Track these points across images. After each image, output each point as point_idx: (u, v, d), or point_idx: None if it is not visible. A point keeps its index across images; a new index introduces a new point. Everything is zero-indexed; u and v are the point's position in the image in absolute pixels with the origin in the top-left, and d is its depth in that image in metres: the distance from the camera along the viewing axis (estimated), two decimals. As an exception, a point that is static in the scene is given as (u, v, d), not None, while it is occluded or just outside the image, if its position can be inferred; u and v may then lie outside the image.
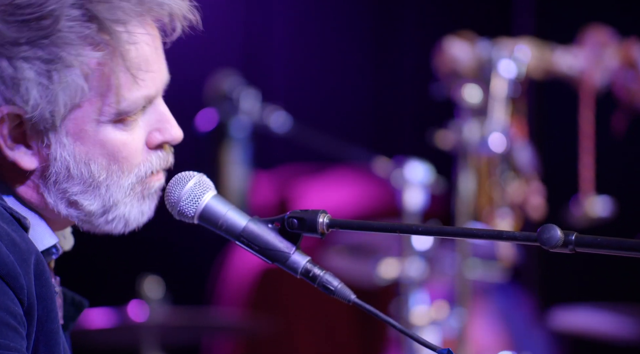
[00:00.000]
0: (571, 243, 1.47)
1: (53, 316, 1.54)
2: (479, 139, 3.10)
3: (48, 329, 1.52)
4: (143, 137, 1.61)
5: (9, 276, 1.47)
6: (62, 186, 1.58)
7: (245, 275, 4.67)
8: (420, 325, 3.23)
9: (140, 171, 1.61)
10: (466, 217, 3.11)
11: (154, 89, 1.60)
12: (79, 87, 1.54)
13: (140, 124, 1.61)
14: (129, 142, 1.59)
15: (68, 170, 1.57)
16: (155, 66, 1.61)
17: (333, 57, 4.94)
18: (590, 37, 3.18)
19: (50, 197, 1.58)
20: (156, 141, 1.62)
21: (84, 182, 1.58)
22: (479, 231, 1.59)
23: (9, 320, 1.45)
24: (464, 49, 3.10)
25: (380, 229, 1.61)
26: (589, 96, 3.19)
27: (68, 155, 1.57)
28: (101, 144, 1.57)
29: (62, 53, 1.53)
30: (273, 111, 3.56)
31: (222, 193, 1.65)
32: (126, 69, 1.56)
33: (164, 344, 3.85)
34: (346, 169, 4.72)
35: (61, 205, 1.59)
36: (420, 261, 3.31)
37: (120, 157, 1.59)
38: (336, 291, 1.58)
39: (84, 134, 1.57)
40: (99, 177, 1.58)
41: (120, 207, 1.61)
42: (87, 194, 1.58)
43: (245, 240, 1.60)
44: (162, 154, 1.63)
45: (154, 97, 1.61)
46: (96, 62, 1.55)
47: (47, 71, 1.53)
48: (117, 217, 1.61)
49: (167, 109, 1.63)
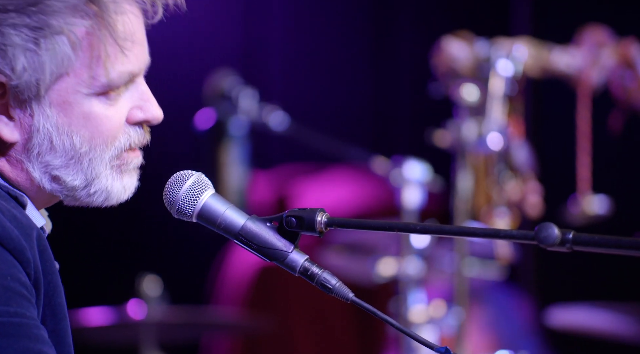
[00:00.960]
0: (568, 242, 1.47)
1: (58, 290, 1.55)
2: (476, 138, 3.10)
3: (55, 302, 1.54)
4: (125, 113, 1.62)
5: (16, 250, 1.48)
6: (45, 158, 1.58)
7: (243, 273, 4.68)
8: (418, 323, 3.23)
9: (120, 143, 1.62)
10: (464, 216, 3.11)
11: (137, 66, 1.61)
12: (65, 56, 1.55)
13: (123, 100, 1.62)
14: (111, 116, 1.60)
15: (51, 142, 1.57)
16: (141, 41, 1.62)
17: (331, 56, 4.94)
18: (588, 37, 3.19)
19: (35, 172, 1.59)
20: (137, 118, 1.63)
21: (66, 154, 1.58)
22: (477, 230, 1.60)
23: (22, 290, 1.47)
24: (462, 49, 3.11)
25: (379, 228, 1.61)
26: (586, 95, 3.19)
27: (51, 126, 1.57)
28: (85, 117, 1.58)
29: (50, 20, 1.54)
30: (271, 110, 3.57)
31: (221, 192, 1.66)
32: (113, 40, 1.57)
33: (162, 342, 3.85)
34: (344, 168, 4.73)
35: (45, 179, 1.59)
36: (418, 260, 3.31)
37: (104, 130, 1.59)
38: (334, 289, 1.59)
39: (68, 105, 1.57)
40: (80, 149, 1.58)
41: (102, 180, 1.61)
42: (69, 168, 1.59)
43: (243, 239, 1.61)
44: (140, 131, 1.64)
45: (137, 74, 1.62)
46: (84, 32, 1.56)
47: (34, 38, 1.54)
48: (98, 190, 1.62)
49: (148, 89, 1.65)
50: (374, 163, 3.42)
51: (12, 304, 1.45)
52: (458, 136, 3.12)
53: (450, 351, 1.51)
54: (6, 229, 1.48)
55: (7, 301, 1.45)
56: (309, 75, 4.93)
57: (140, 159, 1.66)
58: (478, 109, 3.11)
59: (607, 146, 3.56)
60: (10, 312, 1.45)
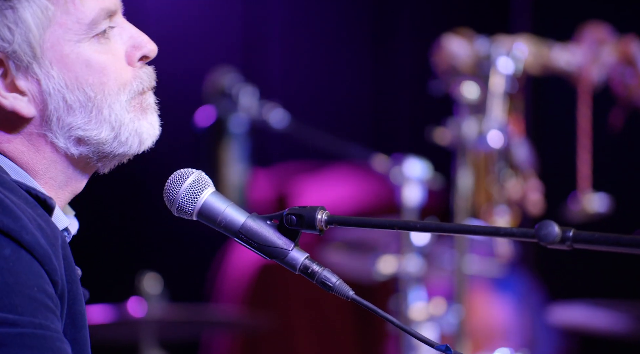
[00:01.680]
0: (569, 239, 1.47)
1: (79, 298, 1.55)
2: (477, 135, 3.10)
3: (75, 311, 1.53)
4: (122, 55, 1.63)
5: (44, 258, 1.47)
6: (66, 120, 1.58)
7: (243, 271, 4.68)
8: (419, 321, 3.23)
9: (134, 87, 1.62)
10: (464, 213, 3.11)
11: (111, 2, 1.62)
12: (43, 6, 1.56)
13: (114, 42, 1.62)
14: (110, 58, 1.61)
15: (65, 101, 1.57)
16: None
17: (331, 54, 4.94)
18: (588, 34, 3.19)
19: (60, 141, 1.58)
20: (135, 57, 1.64)
21: (84, 108, 1.58)
22: (477, 228, 1.60)
23: (47, 302, 1.46)
24: (462, 46, 3.10)
25: (379, 226, 1.61)
26: (587, 92, 3.19)
27: (60, 85, 1.57)
28: (86, 64, 1.58)
29: None
30: (271, 107, 3.57)
31: (221, 190, 1.66)
32: None
33: (162, 340, 3.86)
34: (344, 166, 4.73)
35: (71, 145, 1.58)
36: (419, 258, 3.31)
37: (110, 72, 1.60)
38: (335, 287, 1.59)
39: (66, 59, 1.58)
40: (95, 97, 1.58)
41: (129, 125, 1.61)
42: (92, 122, 1.59)
43: (243, 237, 1.61)
44: (148, 71, 1.65)
45: (114, 11, 1.63)
46: None
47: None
48: (130, 136, 1.61)
49: (134, 27, 1.66)
50: (374, 161, 3.42)
51: (38, 316, 1.44)
52: (458, 133, 3.12)
53: (450, 349, 1.51)
54: (36, 237, 1.47)
55: (33, 312, 1.44)
56: (309, 72, 4.92)
57: (153, 97, 1.66)
58: (478, 106, 3.11)
59: (608, 143, 3.56)
60: (35, 323, 1.44)
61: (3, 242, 1.45)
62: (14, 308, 1.42)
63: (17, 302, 1.43)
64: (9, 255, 1.44)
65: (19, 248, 1.45)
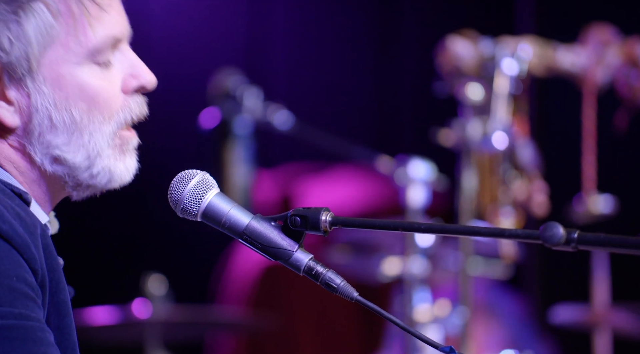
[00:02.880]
0: (573, 241, 1.47)
1: (62, 286, 1.54)
2: (481, 137, 3.10)
3: (58, 299, 1.53)
4: (119, 82, 1.63)
5: (23, 247, 1.47)
6: (46, 138, 1.58)
7: (248, 273, 4.68)
8: (423, 323, 3.23)
9: (120, 117, 1.62)
10: (469, 215, 3.11)
11: (119, 30, 1.62)
12: (47, 24, 1.56)
13: (114, 69, 1.62)
14: (106, 86, 1.61)
15: (50, 119, 1.58)
16: (116, 2, 1.63)
17: (335, 55, 4.94)
18: (593, 35, 3.19)
19: (37, 155, 1.58)
20: (132, 86, 1.64)
21: (66, 130, 1.58)
22: (482, 229, 1.60)
23: (27, 291, 1.46)
24: (467, 47, 3.10)
25: (383, 227, 1.61)
26: (592, 93, 3.19)
27: (49, 103, 1.57)
28: (80, 88, 1.58)
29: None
30: (276, 109, 3.57)
31: (225, 191, 1.66)
32: (90, 1, 1.58)
33: (167, 341, 3.86)
34: (349, 167, 4.73)
35: (47, 162, 1.59)
36: (423, 259, 3.31)
37: (101, 100, 1.60)
38: (339, 288, 1.58)
39: (61, 79, 1.57)
40: (80, 122, 1.58)
41: (104, 159, 1.61)
42: (70, 145, 1.59)
43: (248, 238, 1.61)
44: (139, 100, 1.65)
45: (121, 39, 1.63)
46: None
47: (13, 11, 1.55)
48: (102, 170, 1.61)
49: (136, 56, 1.66)
50: (379, 162, 3.42)
51: (17, 306, 1.44)
52: (463, 135, 3.12)
53: (454, 351, 1.51)
54: (13, 226, 1.47)
55: (12, 302, 1.44)
56: (314, 74, 4.93)
57: (137, 139, 1.66)
58: (483, 108, 3.11)
59: (613, 145, 3.56)
60: (15, 314, 1.44)
61: None
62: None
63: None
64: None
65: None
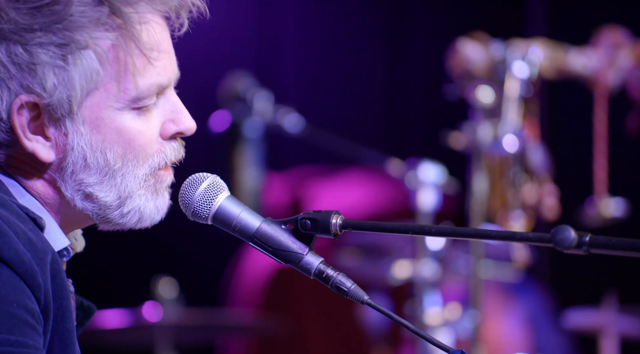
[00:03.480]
0: (585, 244, 1.47)
1: (68, 315, 1.54)
2: (492, 140, 3.09)
3: (63, 328, 1.53)
4: (158, 127, 1.62)
5: (26, 274, 1.47)
6: (79, 176, 1.59)
7: (258, 276, 4.68)
8: (434, 326, 3.22)
9: (154, 161, 1.62)
10: (479, 218, 3.10)
11: (166, 77, 1.62)
12: (94, 70, 1.56)
13: (154, 114, 1.62)
14: (144, 131, 1.60)
15: (85, 159, 1.58)
16: (167, 51, 1.62)
17: (346, 58, 4.94)
18: (604, 38, 3.18)
19: (67, 191, 1.59)
20: (170, 132, 1.63)
21: (100, 171, 1.59)
22: (493, 232, 1.59)
23: (27, 318, 1.46)
24: (477, 50, 3.10)
25: (393, 230, 1.61)
26: (603, 96, 3.18)
27: (85, 144, 1.58)
28: (117, 132, 1.59)
29: (75, 36, 1.55)
30: (286, 112, 3.57)
31: (235, 194, 1.66)
32: (139, 51, 1.58)
33: (177, 344, 3.86)
34: (359, 170, 4.72)
35: (78, 198, 1.59)
36: (434, 262, 3.30)
37: (136, 145, 1.60)
38: (349, 292, 1.58)
39: (100, 121, 1.58)
40: (114, 165, 1.59)
41: (135, 200, 1.61)
42: (102, 184, 1.59)
43: (258, 241, 1.60)
44: (176, 145, 1.65)
45: (167, 86, 1.63)
46: (110, 44, 1.57)
47: (62, 55, 1.55)
48: (132, 210, 1.62)
49: (180, 101, 1.65)
50: (389, 165, 3.42)
51: (14, 333, 1.44)
52: (473, 138, 3.11)
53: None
54: (18, 253, 1.47)
55: (10, 329, 1.44)
56: (324, 77, 4.93)
57: (172, 177, 1.66)
58: (493, 111, 3.10)
59: (624, 147, 3.54)
60: (11, 341, 1.44)
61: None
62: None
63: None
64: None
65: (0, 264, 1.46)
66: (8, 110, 1.55)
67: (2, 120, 1.56)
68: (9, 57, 1.54)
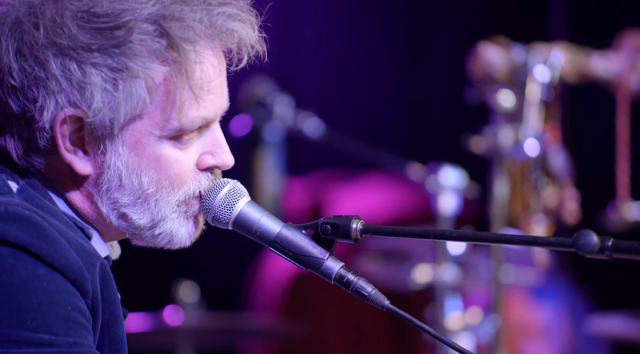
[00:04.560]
0: (607, 249, 1.46)
1: (119, 321, 1.58)
2: (513, 144, 3.08)
3: (114, 333, 1.57)
4: (195, 157, 1.64)
5: (76, 281, 1.51)
6: (114, 195, 1.61)
7: (278, 280, 4.69)
8: (455, 330, 3.22)
9: (189, 189, 1.63)
10: (501, 222, 3.09)
11: (212, 112, 1.63)
12: (141, 99, 1.58)
13: (195, 144, 1.63)
14: (181, 160, 1.62)
15: (120, 179, 1.61)
16: (217, 90, 1.64)
17: (366, 63, 4.94)
18: (627, 42, 3.16)
19: (103, 207, 1.62)
20: (207, 164, 1.65)
21: (134, 193, 1.61)
22: (514, 237, 1.58)
23: (80, 319, 1.50)
24: (498, 54, 3.09)
25: (414, 235, 1.61)
26: (625, 100, 3.16)
27: (122, 164, 1.60)
28: (155, 158, 1.61)
29: (130, 63, 1.57)
30: (306, 116, 3.57)
31: (256, 198, 1.66)
32: (189, 88, 1.60)
33: (198, 348, 3.87)
34: (380, 175, 4.72)
35: (113, 216, 1.63)
36: (454, 267, 3.30)
37: (172, 173, 1.61)
38: (370, 296, 1.58)
39: (140, 145, 1.60)
40: (148, 189, 1.61)
41: (168, 223, 1.64)
42: (136, 206, 1.62)
43: (279, 246, 1.61)
44: (211, 176, 1.66)
45: (212, 120, 1.64)
46: (162, 77, 1.59)
47: (113, 79, 1.57)
48: (163, 233, 1.64)
49: (222, 135, 1.67)
50: (410, 169, 3.41)
51: (72, 334, 1.48)
52: (494, 142, 3.10)
53: (487, 360, 1.50)
54: (69, 261, 1.50)
55: (67, 331, 1.48)
56: (344, 82, 4.93)
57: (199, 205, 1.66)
58: (514, 115, 3.09)
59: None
60: (70, 343, 1.48)
61: (37, 263, 1.49)
62: (49, 328, 1.47)
63: (52, 322, 1.47)
64: (43, 275, 1.48)
65: (52, 270, 1.49)
66: (52, 120, 1.58)
67: (44, 129, 1.59)
68: (62, 71, 1.57)
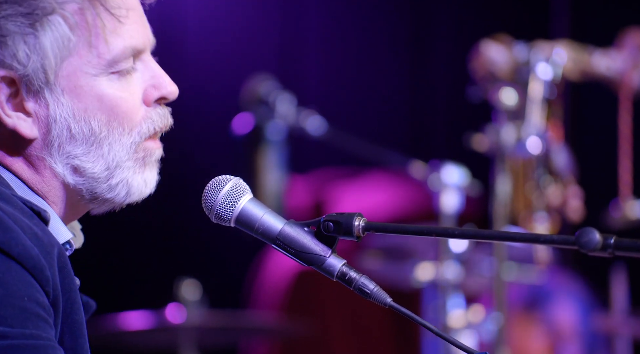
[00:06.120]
0: (610, 247, 1.46)
1: (77, 307, 1.55)
2: (515, 142, 3.08)
3: (73, 320, 1.54)
4: (139, 93, 1.62)
5: (35, 269, 1.48)
6: (66, 149, 1.59)
7: (281, 278, 4.69)
8: (457, 328, 3.22)
9: (143, 128, 1.61)
10: (503, 220, 3.09)
11: (140, 41, 1.61)
12: (65, 36, 1.57)
13: (134, 79, 1.61)
14: (126, 97, 1.60)
15: (69, 130, 1.58)
16: (138, 18, 1.61)
17: (368, 60, 4.94)
18: (629, 40, 3.16)
19: (58, 166, 1.59)
20: (153, 97, 1.63)
21: (86, 141, 1.59)
22: (517, 235, 1.58)
23: (39, 311, 1.47)
24: (501, 52, 3.09)
25: (417, 233, 1.61)
26: (628, 98, 3.16)
27: (68, 114, 1.58)
28: (98, 99, 1.58)
29: (40, 3, 1.55)
30: (309, 114, 3.57)
31: (258, 197, 1.66)
32: (106, 11, 1.58)
33: (201, 346, 3.87)
34: (382, 173, 4.72)
35: (67, 172, 1.59)
36: (457, 265, 3.30)
37: (120, 112, 1.59)
38: (372, 294, 1.58)
39: (79, 90, 1.58)
40: (100, 133, 1.59)
41: (124, 171, 1.61)
42: (89, 154, 1.59)
43: (281, 243, 1.61)
44: (162, 111, 1.64)
45: (142, 50, 1.62)
46: (77, 8, 1.57)
47: (30, 24, 1.56)
48: (120, 182, 1.61)
49: (159, 66, 1.64)
50: (412, 167, 3.41)
51: (28, 326, 1.45)
52: (497, 140, 3.10)
53: (489, 357, 1.50)
54: (26, 248, 1.48)
55: (24, 322, 1.45)
56: (346, 79, 4.93)
57: (161, 150, 1.65)
58: (517, 113, 3.09)
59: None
60: (26, 334, 1.45)
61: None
62: (4, 320, 1.44)
63: (7, 314, 1.44)
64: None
65: (8, 259, 1.47)
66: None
67: None
68: None
